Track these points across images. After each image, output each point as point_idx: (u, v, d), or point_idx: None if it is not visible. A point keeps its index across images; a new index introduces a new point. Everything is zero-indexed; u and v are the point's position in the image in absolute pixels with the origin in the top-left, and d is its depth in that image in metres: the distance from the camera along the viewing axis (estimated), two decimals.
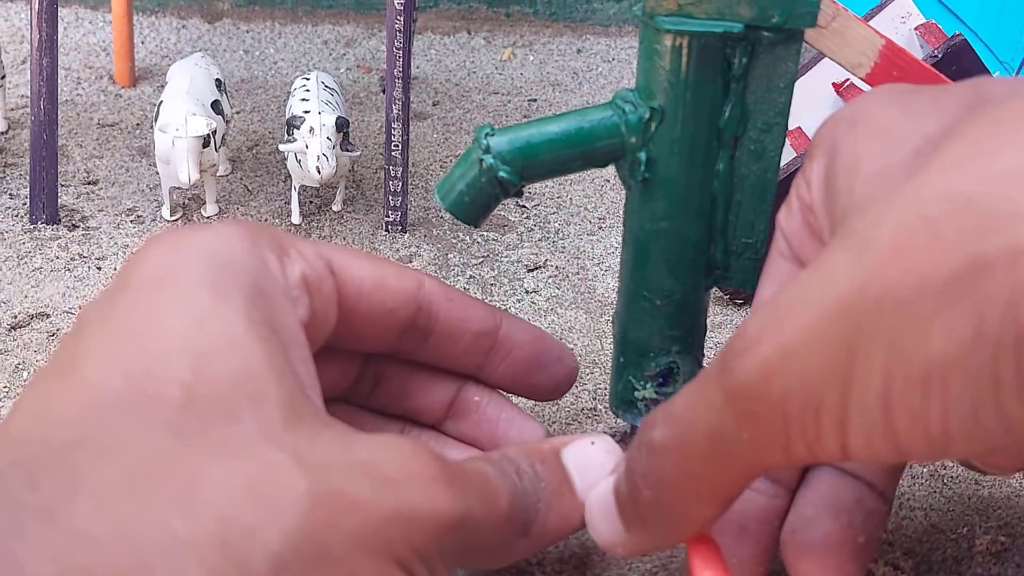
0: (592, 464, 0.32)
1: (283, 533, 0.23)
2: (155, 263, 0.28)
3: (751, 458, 0.26)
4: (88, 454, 0.24)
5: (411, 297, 0.34)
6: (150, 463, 0.24)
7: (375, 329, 0.33)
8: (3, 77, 0.70)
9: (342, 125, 0.57)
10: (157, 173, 0.61)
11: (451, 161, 0.67)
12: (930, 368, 0.22)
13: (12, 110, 0.72)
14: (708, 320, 0.38)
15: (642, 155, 0.34)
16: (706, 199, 0.35)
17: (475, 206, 0.35)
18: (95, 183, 0.64)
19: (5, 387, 0.45)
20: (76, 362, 0.26)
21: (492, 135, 0.34)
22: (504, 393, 0.37)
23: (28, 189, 0.59)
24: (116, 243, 0.57)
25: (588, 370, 0.45)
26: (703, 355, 0.38)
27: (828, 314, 0.23)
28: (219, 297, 0.27)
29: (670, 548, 0.29)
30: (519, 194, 0.35)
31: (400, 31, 0.57)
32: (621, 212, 0.37)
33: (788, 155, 0.49)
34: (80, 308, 0.51)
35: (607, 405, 0.43)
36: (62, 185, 0.62)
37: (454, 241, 0.58)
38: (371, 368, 0.36)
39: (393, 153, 0.59)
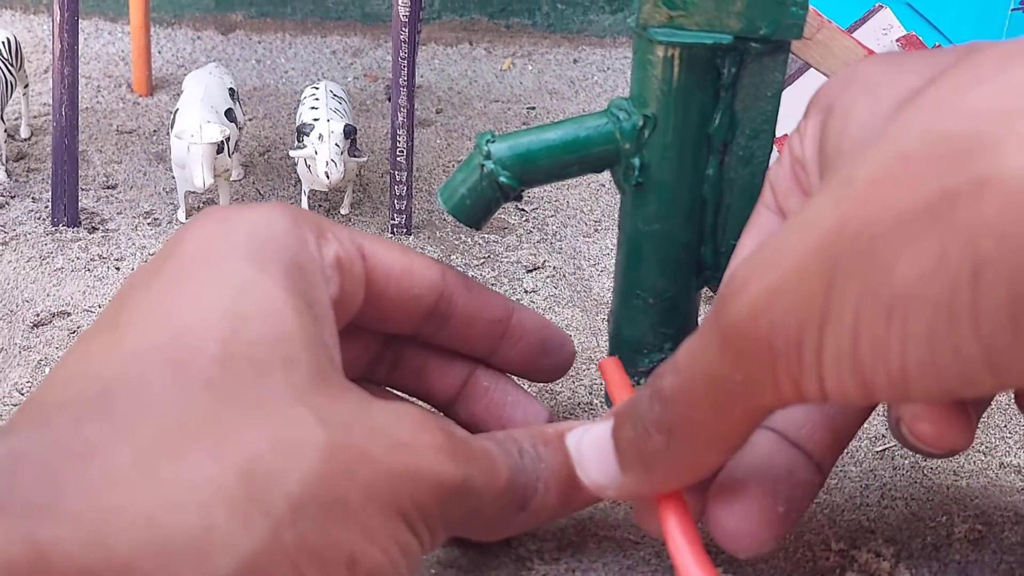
0: (597, 447, 0.32)
1: (301, 478, 0.24)
2: (202, 235, 0.29)
3: (747, 400, 0.26)
4: (128, 403, 0.25)
5: (434, 285, 0.34)
6: (185, 413, 0.25)
7: (400, 312, 0.34)
8: (26, 86, 0.70)
9: (350, 132, 0.57)
10: (173, 177, 0.61)
11: (454, 166, 0.67)
12: (893, 299, 0.22)
13: (35, 117, 0.72)
14: (699, 319, 0.38)
15: (636, 161, 0.34)
16: (697, 202, 0.35)
17: (476, 209, 0.35)
18: (114, 187, 0.64)
19: (28, 382, 0.45)
20: (120, 320, 0.27)
21: (493, 142, 0.34)
22: (511, 377, 0.38)
23: (50, 193, 0.59)
24: (134, 244, 0.57)
25: (584, 366, 0.45)
26: None
27: (810, 251, 0.23)
28: (260, 269, 0.28)
29: (665, 490, 0.29)
30: (518, 198, 0.35)
31: (405, 42, 0.57)
32: (616, 215, 0.37)
33: (774, 160, 0.49)
34: (99, 307, 0.51)
35: (602, 400, 0.43)
36: (82, 189, 0.62)
37: (456, 243, 0.58)
38: (390, 350, 0.37)
39: (398, 159, 0.59)
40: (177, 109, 0.60)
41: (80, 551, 0.22)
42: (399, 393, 0.38)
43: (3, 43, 0.66)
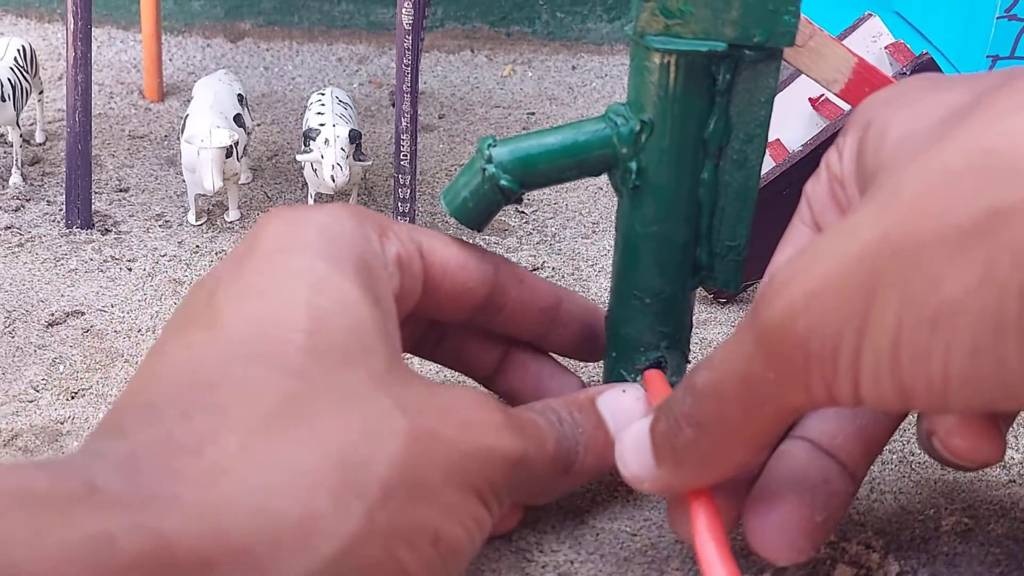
0: (623, 409, 0.34)
1: (389, 462, 0.26)
2: (276, 234, 0.30)
3: (778, 399, 0.26)
4: (229, 395, 0.26)
5: (488, 278, 0.36)
6: (281, 402, 0.26)
7: (456, 304, 0.35)
8: (41, 92, 0.70)
9: (355, 137, 0.57)
10: (184, 181, 0.61)
11: (456, 170, 0.67)
12: (939, 310, 0.22)
13: (50, 123, 0.72)
14: (694, 318, 0.39)
15: (633, 164, 0.34)
16: (692, 205, 0.35)
17: (478, 212, 0.35)
18: (126, 190, 0.64)
19: (43, 379, 0.45)
20: (214, 315, 0.28)
21: (494, 146, 0.35)
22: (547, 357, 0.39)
23: (64, 196, 0.59)
24: (146, 246, 0.57)
25: (582, 364, 0.45)
26: (689, 350, 0.38)
27: (852, 259, 0.23)
28: (334, 266, 0.29)
29: (696, 486, 0.29)
30: (519, 201, 0.35)
31: (408, 49, 0.57)
32: (613, 217, 0.37)
33: (768, 165, 0.49)
34: (112, 307, 0.51)
35: None
36: (96, 192, 0.62)
37: None
38: (435, 329, 0.38)
39: (402, 162, 0.59)
40: (187, 115, 0.60)
41: (199, 541, 0.23)
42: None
43: (19, 51, 0.66)
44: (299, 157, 0.58)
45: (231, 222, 0.60)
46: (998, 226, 0.21)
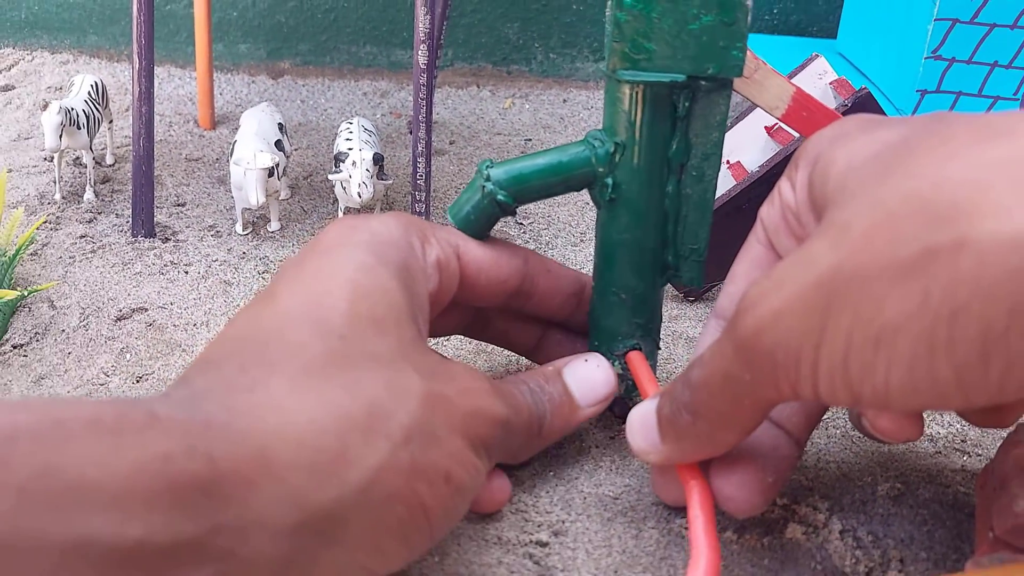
0: (587, 376, 0.35)
1: (409, 413, 0.27)
2: (335, 234, 0.31)
3: (755, 395, 0.26)
4: (281, 350, 0.27)
5: (518, 271, 0.36)
6: (324, 357, 0.27)
7: (490, 294, 0.36)
8: (111, 122, 0.70)
9: (378, 159, 0.57)
10: (232, 197, 0.61)
11: (466, 186, 0.67)
12: (882, 331, 0.22)
13: (118, 147, 0.73)
14: (665, 313, 0.39)
15: (609, 180, 0.34)
16: (660, 214, 0.35)
17: (479, 224, 0.35)
18: (183, 205, 0.64)
19: (113, 366, 0.45)
20: (275, 293, 0.29)
21: (492, 167, 0.35)
22: (577, 334, 0.40)
23: (130, 210, 0.59)
24: (200, 252, 0.57)
25: None
26: (659, 338, 0.38)
27: (810, 285, 0.24)
28: (379, 261, 0.30)
29: (693, 460, 0.31)
30: (513, 213, 0.35)
31: (424, 85, 0.57)
32: (596, 217, 0.37)
33: (729, 183, 0.49)
34: (171, 304, 0.51)
35: None
36: (157, 207, 0.62)
37: None
38: (482, 314, 0.38)
39: (418, 181, 0.59)
40: (235, 141, 0.60)
41: (245, 464, 0.23)
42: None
43: (92, 86, 0.66)
44: (331, 177, 0.58)
45: (272, 232, 0.60)
46: (931, 263, 0.21)
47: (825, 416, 0.41)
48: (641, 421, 0.31)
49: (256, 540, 0.23)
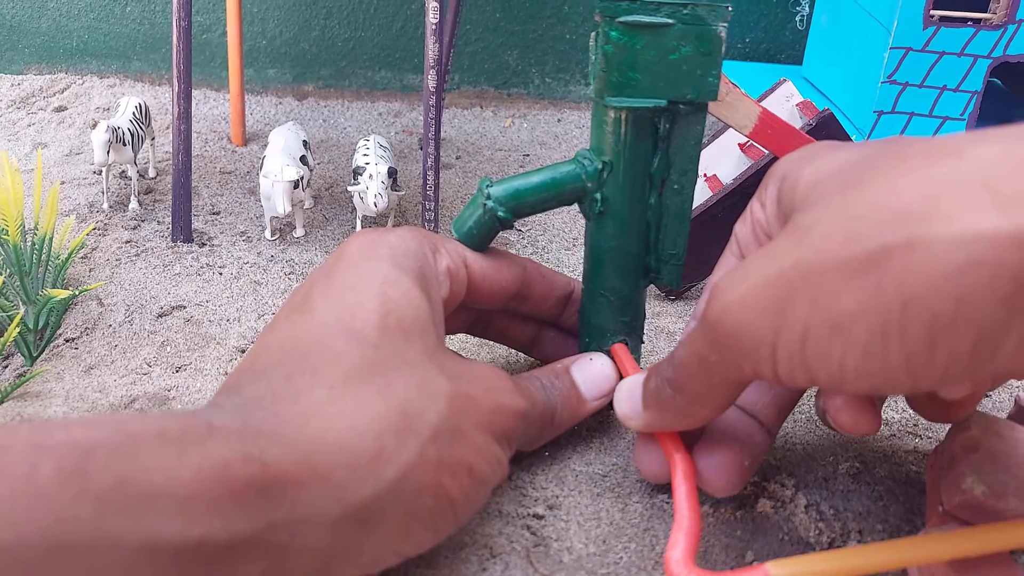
0: (592, 373, 0.35)
1: (438, 414, 0.27)
2: (358, 248, 0.31)
3: (722, 375, 0.27)
4: (320, 359, 0.27)
5: (517, 277, 0.36)
6: (360, 365, 0.27)
7: (493, 298, 0.36)
8: (153, 139, 0.70)
9: (392, 172, 0.57)
10: (262, 206, 0.61)
11: (469, 199, 0.67)
12: (837, 319, 0.22)
13: (160, 162, 0.73)
14: (648, 311, 0.39)
15: (598, 195, 0.34)
16: (643, 224, 0.35)
17: (480, 237, 0.35)
18: (218, 213, 0.64)
19: (154, 357, 0.45)
20: (311, 305, 0.29)
21: (492, 186, 0.35)
22: (567, 332, 0.40)
23: (170, 217, 0.59)
24: (232, 256, 0.57)
25: None
26: (643, 333, 0.38)
27: (771, 278, 0.24)
28: (400, 271, 0.30)
29: (671, 429, 0.31)
30: (511, 227, 0.35)
31: (433, 106, 0.57)
32: (585, 226, 0.37)
33: (706, 195, 0.49)
34: (207, 302, 0.51)
35: None
36: (194, 215, 0.62)
37: None
38: (484, 315, 0.38)
39: (428, 192, 0.59)
40: (264, 156, 0.60)
41: (293, 468, 0.23)
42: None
43: (136, 107, 0.66)
44: (349, 188, 0.58)
45: (297, 237, 0.60)
46: (886, 260, 0.22)
47: None
48: (627, 391, 0.32)
49: (304, 534, 0.23)
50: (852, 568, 0.26)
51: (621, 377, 0.37)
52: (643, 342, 0.39)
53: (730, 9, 0.32)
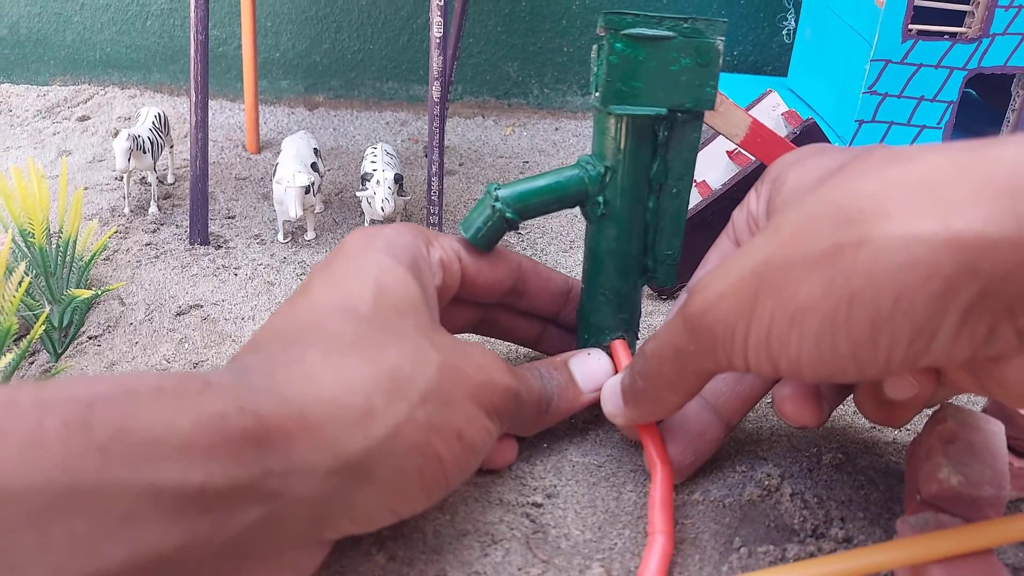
0: (589, 367, 0.35)
1: (426, 380, 0.27)
2: (356, 241, 0.31)
3: (697, 364, 0.27)
4: (314, 333, 0.27)
5: (512, 272, 0.36)
6: (353, 336, 0.27)
7: (488, 291, 0.36)
8: (172, 147, 0.70)
9: (398, 178, 0.57)
10: (275, 211, 0.61)
11: (472, 203, 0.67)
12: (796, 310, 0.23)
13: (178, 169, 0.73)
14: (643, 309, 0.39)
15: (600, 199, 0.34)
16: (642, 227, 0.35)
17: (488, 237, 0.35)
18: (233, 217, 0.64)
19: (173, 353, 0.45)
20: (310, 290, 0.29)
21: (499, 189, 0.35)
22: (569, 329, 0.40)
23: (188, 221, 0.59)
24: (247, 257, 0.57)
25: None
26: (639, 331, 0.38)
27: (747, 273, 0.24)
28: (394, 260, 0.30)
29: (649, 420, 0.32)
30: (516, 228, 0.35)
31: (437, 115, 0.57)
32: (583, 237, 0.37)
33: (697, 199, 0.49)
34: (223, 301, 0.51)
35: None
36: (211, 219, 0.62)
37: None
38: (489, 315, 0.38)
39: (432, 197, 0.59)
40: (277, 163, 0.60)
41: (286, 421, 0.23)
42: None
43: (156, 117, 0.66)
44: (358, 193, 0.58)
45: (309, 240, 0.60)
46: (838, 256, 0.22)
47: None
48: (610, 391, 0.32)
49: (298, 484, 0.23)
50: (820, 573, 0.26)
51: (617, 372, 0.37)
52: (638, 339, 0.39)
53: (726, 23, 0.33)
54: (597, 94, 0.33)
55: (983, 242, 0.20)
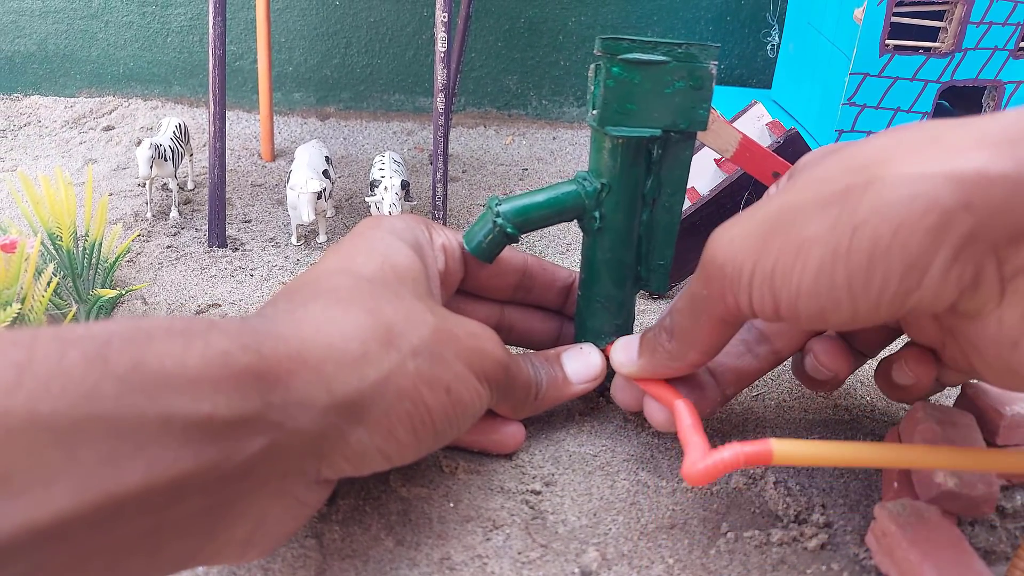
0: (581, 361, 0.35)
1: (418, 337, 0.27)
2: (365, 224, 0.33)
3: (710, 309, 0.27)
4: (318, 289, 0.28)
5: (518, 267, 0.37)
6: (354, 293, 0.28)
7: (497, 285, 0.37)
8: (192, 155, 0.70)
9: (405, 185, 0.57)
10: (289, 215, 0.61)
11: (475, 209, 0.67)
12: (802, 242, 0.24)
13: (197, 176, 0.73)
14: (636, 309, 0.39)
15: (596, 213, 0.34)
16: (636, 239, 0.35)
17: (490, 250, 0.35)
18: (249, 221, 0.64)
19: None
20: (319, 262, 0.31)
21: (500, 204, 0.34)
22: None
23: (207, 226, 0.59)
24: (262, 259, 0.57)
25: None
26: (632, 332, 0.38)
27: (758, 218, 0.25)
28: (397, 239, 0.31)
29: (662, 375, 0.32)
30: (516, 240, 0.35)
31: (441, 126, 0.57)
32: (579, 240, 0.37)
33: (685, 205, 0.49)
34: (240, 301, 0.51)
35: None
36: (228, 223, 0.62)
37: None
38: (506, 319, 0.38)
39: (437, 203, 0.59)
40: (291, 170, 0.60)
41: (286, 358, 0.24)
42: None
43: (176, 127, 0.66)
44: (367, 199, 0.58)
45: (320, 243, 0.60)
46: (847, 195, 0.23)
47: (763, 391, 0.41)
48: (624, 344, 0.33)
49: (297, 416, 0.24)
50: (849, 457, 0.26)
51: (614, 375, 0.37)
52: None
53: (719, 48, 0.33)
54: (594, 112, 0.33)
55: (981, 177, 0.21)
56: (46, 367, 0.20)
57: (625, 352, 0.32)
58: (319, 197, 0.57)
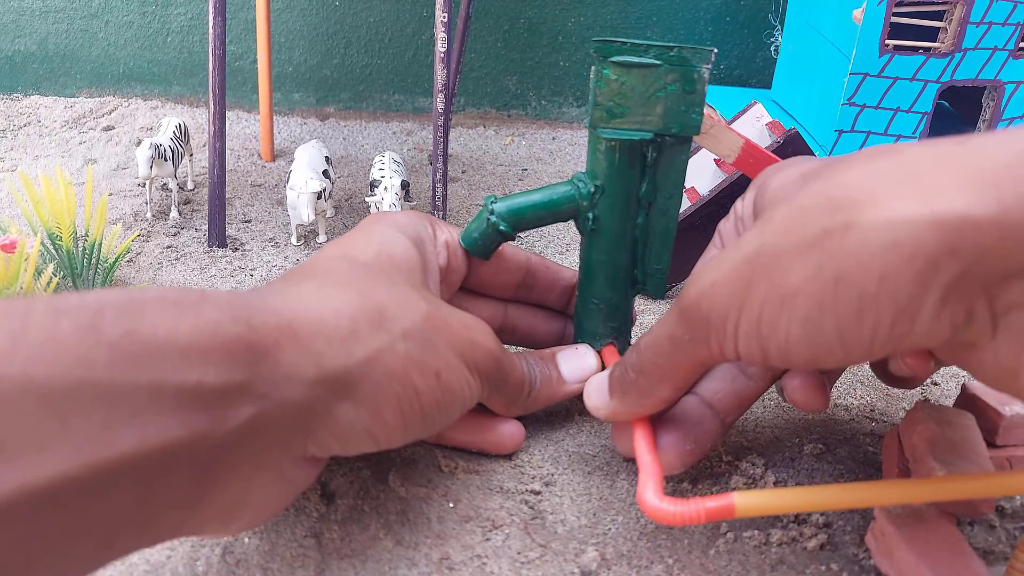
0: (576, 361, 0.35)
1: (410, 321, 0.27)
2: (369, 219, 0.33)
3: (691, 354, 0.26)
4: (315, 271, 0.28)
5: (521, 265, 0.37)
6: (349, 276, 0.28)
7: (500, 283, 0.37)
8: (192, 155, 0.70)
9: (405, 185, 0.57)
10: (288, 215, 0.61)
11: (474, 209, 0.67)
12: (786, 293, 0.23)
13: (197, 176, 0.73)
14: (636, 308, 0.39)
15: (591, 215, 0.34)
16: (631, 241, 0.35)
17: (485, 247, 0.35)
18: (249, 221, 0.64)
19: None
20: (324, 250, 0.31)
21: (496, 202, 0.35)
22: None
23: (207, 225, 0.59)
24: (262, 259, 0.57)
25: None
26: (631, 337, 0.38)
27: (739, 262, 0.24)
28: (398, 231, 0.32)
29: (637, 415, 0.30)
30: (512, 239, 0.35)
31: (441, 126, 0.57)
32: (579, 241, 0.37)
33: (685, 204, 0.49)
34: None
35: None
36: (228, 223, 0.62)
37: None
38: (509, 319, 0.38)
39: (437, 203, 0.59)
40: (291, 170, 0.60)
41: (276, 331, 0.24)
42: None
43: (176, 127, 0.66)
44: (367, 199, 0.58)
45: (320, 243, 0.60)
46: (826, 240, 0.22)
47: None
48: (596, 385, 0.31)
49: (285, 388, 0.24)
50: (813, 503, 0.26)
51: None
52: (630, 343, 0.39)
53: (715, 51, 0.32)
54: (589, 117, 0.33)
55: (965, 222, 0.20)
56: (40, 335, 0.20)
57: (597, 395, 0.31)
58: (319, 197, 0.57)
